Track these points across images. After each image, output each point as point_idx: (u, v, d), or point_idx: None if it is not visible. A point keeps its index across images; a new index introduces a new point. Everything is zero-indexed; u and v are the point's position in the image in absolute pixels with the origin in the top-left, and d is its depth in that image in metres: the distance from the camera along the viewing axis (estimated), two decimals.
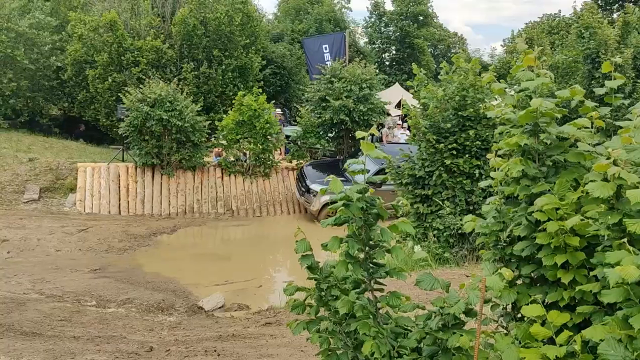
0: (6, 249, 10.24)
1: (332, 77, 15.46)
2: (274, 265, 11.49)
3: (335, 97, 15.01)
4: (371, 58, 34.21)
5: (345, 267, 2.22)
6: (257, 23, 20.10)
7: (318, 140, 15.80)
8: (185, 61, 17.80)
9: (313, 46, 20.44)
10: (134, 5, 18.11)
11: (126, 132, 13.61)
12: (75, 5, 18.92)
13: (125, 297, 8.57)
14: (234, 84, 18.57)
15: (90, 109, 17.88)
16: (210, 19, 17.90)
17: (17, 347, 5.85)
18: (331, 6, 38.52)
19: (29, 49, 16.73)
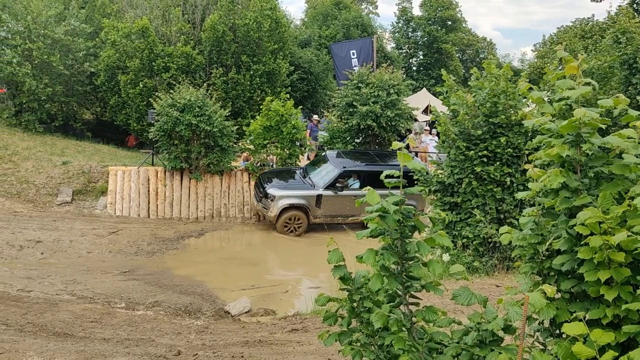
0: (40, 250, 10.48)
1: (360, 83, 15.42)
2: (300, 271, 11.47)
3: (362, 103, 14.97)
4: (398, 63, 34.08)
5: (380, 280, 2.18)
6: (285, 29, 20.22)
7: (345, 146, 15.75)
8: (214, 67, 18.03)
9: (341, 51, 20.45)
10: (165, 12, 18.44)
11: (156, 136, 13.83)
12: (109, 12, 19.37)
13: (154, 300, 8.67)
14: (262, 90, 18.71)
15: (122, 114, 18.25)
16: (239, 25, 18.09)
17: (50, 348, 5.97)
18: (358, 12, 38.57)
19: (64, 55, 17.18)
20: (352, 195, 12.93)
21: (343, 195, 12.91)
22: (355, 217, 13.14)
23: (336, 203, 12.93)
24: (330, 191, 12.84)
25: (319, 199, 12.79)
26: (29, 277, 9.11)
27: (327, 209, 12.92)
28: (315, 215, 12.92)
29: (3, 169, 13.84)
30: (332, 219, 13.09)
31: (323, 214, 12.96)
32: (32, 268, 9.62)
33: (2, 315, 7.24)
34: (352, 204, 12.94)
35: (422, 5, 42.33)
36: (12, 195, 13.08)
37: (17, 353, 5.75)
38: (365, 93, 15.00)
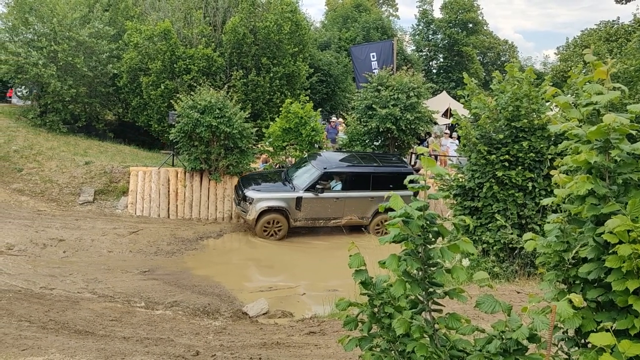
0: (62, 249, 10.67)
1: (379, 85, 15.37)
2: (317, 273, 11.44)
3: (381, 106, 14.91)
4: (418, 66, 33.89)
5: (403, 286, 2.15)
6: (305, 31, 20.27)
7: (364, 149, 15.71)
8: (234, 69, 18.15)
9: (360, 54, 20.41)
10: (187, 14, 18.63)
11: (176, 137, 13.96)
12: (132, 15, 19.64)
13: (173, 300, 8.75)
14: (281, 92, 18.78)
15: (143, 115, 18.48)
16: (260, 27, 18.19)
17: (71, 345, 6.05)
18: (379, 14, 38.50)
19: (88, 57, 17.46)
20: (334, 197, 12.76)
21: (324, 197, 12.67)
22: (338, 220, 12.96)
23: (317, 206, 12.65)
24: (311, 193, 12.56)
25: (299, 201, 12.51)
26: (51, 275, 9.28)
27: (308, 211, 12.63)
28: (296, 219, 12.63)
29: (28, 168, 14.13)
30: (313, 222, 12.87)
31: (304, 217, 12.67)
32: (55, 266, 9.79)
33: (25, 312, 7.38)
34: (333, 206, 12.82)
35: (442, 7, 42.06)
36: (36, 194, 13.34)
37: (40, 350, 5.85)
38: (385, 96, 14.95)
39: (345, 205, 12.84)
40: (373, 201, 12.97)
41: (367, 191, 12.98)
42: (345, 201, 12.84)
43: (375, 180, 13.00)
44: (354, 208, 12.95)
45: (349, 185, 12.94)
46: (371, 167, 13.25)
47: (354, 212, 13.00)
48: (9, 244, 10.41)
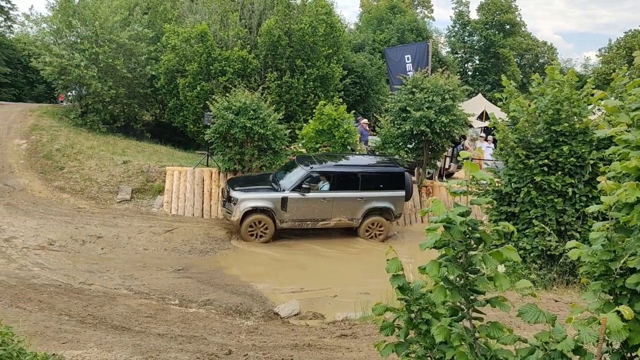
0: (100, 245, 10.95)
1: (414, 88, 15.21)
2: (349, 276, 11.39)
3: (416, 108, 14.75)
4: (453, 68, 33.43)
5: (443, 292, 2.11)
6: (339, 33, 20.27)
7: (397, 151, 15.58)
8: (269, 71, 18.30)
9: (395, 56, 20.27)
10: (223, 17, 18.89)
11: (211, 138, 14.16)
12: (170, 17, 20.05)
13: (206, 299, 8.86)
14: (315, 94, 18.83)
15: (179, 116, 18.82)
16: (295, 29, 18.29)
17: (109, 340, 6.21)
18: (413, 16, 38.16)
19: (127, 58, 17.91)
20: (321, 198, 12.46)
21: (311, 198, 12.36)
22: (326, 222, 12.68)
23: (304, 206, 12.35)
24: (297, 193, 12.25)
25: (285, 201, 12.18)
26: (90, 271, 9.54)
27: (294, 212, 12.33)
28: (282, 220, 12.32)
29: (69, 166, 14.58)
30: (300, 224, 12.58)
31: (290, 218, 12.38)
32: (93, 262, 10.06)
33: (65, 307, 7.61)
34: (321, 207, 12.49)
35: (479, 9, 41.41)
36: (76, 191, 13.75)
37: (79, 343, 6.02)
38: (419, 98, 14.78)
39: (333, 205, 12.55)
40: (362, 202, 12.73)
41: (356, 191, 12.69)
42: (333, 202, 12.53)
43: (364, 181, 12.72)
44: (342, 209, 12.65)
45: (336, 185, 12.61)
46: (359, 167, 12.95)
47: (343, 213, 12.69)
48: (50, 240, 10.75)
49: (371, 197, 12.79)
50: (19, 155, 15.07)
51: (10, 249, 10.07)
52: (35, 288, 8.32)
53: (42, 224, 11.48)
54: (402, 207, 13.42)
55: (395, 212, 13.13)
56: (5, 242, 10.39)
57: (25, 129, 16.64)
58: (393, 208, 12.97)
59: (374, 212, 12.89)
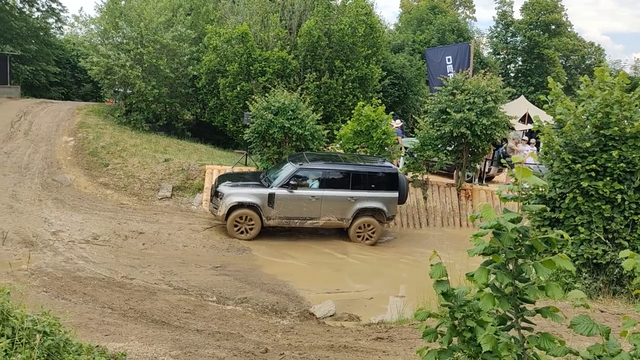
0: (142, 241, 11.23)
1: (454, 89, 14.97)
2: (385, 278, 11.32)
3: (456, 110, 14.51)
4: (495, 69, 32.76)
5: (492, 300, 2.05)
6: (379, 34, 20.18)
7: (436, 153, 15.37)
8: (308, 71, 18.38)
9: (435, 57, 20.00)
10: (264, 18, 19.09)
11: (250, 137, 14.33)
12: (212, 18, 20.41)
13: (243, 296, 8.96)
14: (354, 94, 18.80)
15: (219, 115, 19.14)
16: (334, 30, 18.31)
17: (149, 334, 6.35)
18: (455, 16, 37.62)
19: (170, 59, 18.34)
20: (310, 196, 12.09)
21: (299, 195, 12.06)
22: (315, 221, 12.31)
23: (291, 204, 12.05)
24: (285, 190, 11.99)
25: (272, 197, 11.92)
26: (131, 266, 9.79)
27: (281, 209, 12.05)
28: (269, 217, 12.06)
29: (113, 163, 15.03)
30: (288, 222, 12.25)
31: (278, 215, 12.10)
32: (135, 257, 10.33)
33: (108, 300, 7.84)
34: (309, 205, 12.13)
35: (523, 8, 40.43)
36: (119, 188, 14.15)
37: (121, 336, 6.18)
38: (460, 100, 14.53)
39: (322, 204, 12.16)
40: (353, 202, 12.33)
41: (347, 190, 12.30)
42: (322, 200, 12.15)
43: (355, 180, 12.37)
44: (331, 208, 12.26)
45: (326, 184, 12.26)
46: (351, 166, 12.63)
47: (332, 212, 12.30)
48: (95, 234, 11.10)
49: (362, 197, 12.33)
50: (67, 152, 15.64)
51: (57, 242, 10.45)
52: (80, 281, 8.60)
53: (87, 219, 11.87)
54: (395, 209, 12.84)
55: (388, 214, 12.60)
56: (52, 235, 10.80)
57: (73, 126, 17.26)
58: (385, 209, 12.46)
59: (365, 212, 12.43)
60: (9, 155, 14.90)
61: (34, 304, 5.24)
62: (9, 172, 13.92)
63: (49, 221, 11.49)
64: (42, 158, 15.03)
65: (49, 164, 14.76)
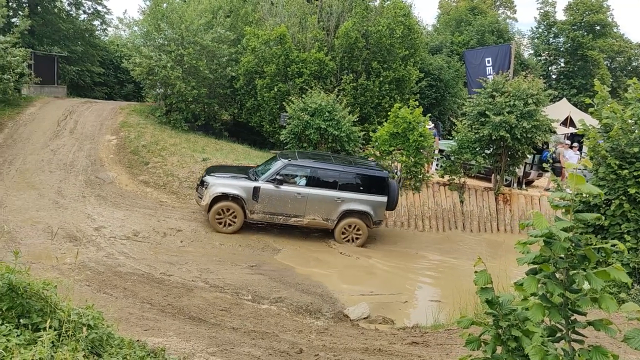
0: (180, 238, 11.45)
1: (494, 91, 14.68)
2: (420, 282, 11.21)
3: (496, 112, 14.23)
4: (536, 71, 31.96)
5: (541, 311, 2.00)
6: (417, 35, 20.00)
7: (474, 157, 15.10)
8: (344, 73, 18.39)
9: (475, 59, 19.67)
10: (302, 19, 19.19)
11: (286, 138, 14.44)
12: (251, 20, 20.66)
13: (277, 296, 9.01)
14: (390, 96, 18.69)
15: (256, 116, 19.34)
16: (372, 31, 18.25)
17: (187, 330, 6.47)
18: (495, 17, 36.89)
19: (209, 60, 18.66)
20: (295, 193, 11.94)
21: (285, 191, 11.90)
22: (299, 219, 12.13)
23: (276, 199, 11.90)
24: (271, 185, 11.86)
25: (257, 191, 11.81)
26: (170, 262, 9.99)
27: (266, 204, 11.89)
28: (253, 210, 11.92)
29: (153, 162, 15.39)
30: (272, 217, 12.09)
31: (262, 210, 11.94)
32: (173, 254, 10.54)
33: (147, 295, 8.03)
34: (294, 202, 11.97)
35: (566, 9, 39.31)
36: (159, 186, 14.48)
37: (159, 331, 6.32)
38: (500, 102, 14.25)
39: (307, 202, 11.98)
40: (339, 202, 12.11)
41: (334, 190, 12.11)
42: (307, 198, 11.97)
43: (343, 181, 12.19)
44: (317, 207, 12.06)
45: (313, 182, 12.10)
46: (340, 166, 12.40)
47: (317, 212, 12.10)
48: (135, 231, 11.39)
49: (349, 198, 12.11)
50: (109, 150, 16.11)
51: (99, 238, 10.77)
52: (121, 276, 8.84)
53: (127, 216, 12.18)
54: (383, 213, 12.56)
55: (374, 218, 12.30)
56: (95, 230, 11.14)
57: (115, 125, 17.76)
58: (372, 213, 12.21)
59: (351, 214, 12.21)
60: (55, 152, 15.45)
61: (78, 297, 5.42)
62: (55, 169, 14.44)
63: (91, 217, 11.85)
64: (86, 156, 15.53)
65: (92, 162, 15.23)
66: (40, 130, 16.90)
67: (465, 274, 11.69)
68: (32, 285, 3.97)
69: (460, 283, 10.18)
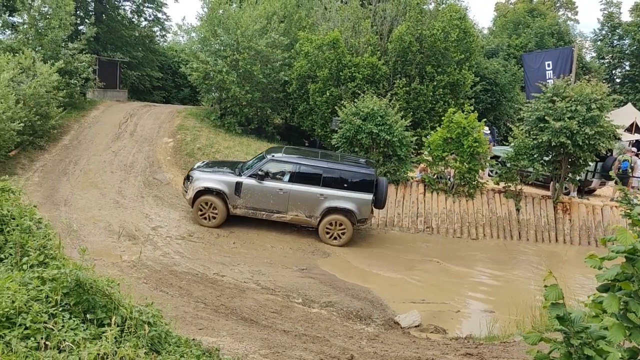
0: (232, 240, 11.67)
1: (554, 96, 14.12)
2: (473, 291, 10.91)
3: (556, 118, 13.68)
4: (599, 74, 30.56)
5: (622, 331, 1.89)
6: (473, 39, 19.55)
7: (531, 164, 14.58)
8: (398, 77, 18.23)
9: (534, 62, 19.02)
10: (356, 24, 19.19)
11: (338, 142, 14.44)
12: (304, 25, 20.86)
13: (327, 300, 9.01)
14: (444, 101, 18.37)
15: (308, 120, 19.48)
16: (426, 35, 18.01)
17: (239, 331, 6.57)
18: (555, 19, 35.58)
19: (263, 65, 18.97)
20: (278, 188, 11.89)
21: (267, 187, 11.90)
22: (282, 215, 12.07)
23: (259, 194, 11.90)
24: (254, 180, 11.90)
25: (239, 186, 11.86)
26: (222, 263, 10.20)
27: (248, 199, 11.92)
28: (235, 205, 11.98)
29: None
30: (255, 213, 12.08)
31: (244, 205, 11.98)
32: (226, 255, 10.75)
33: (201, 295, 8.22)
34: (277, 198, 11.92)
35: (633, 9, 37.37)
36: None
37: (213, 331, 6.45)
38: (561, 107, 13.69)
39: (290, 198, 11.93)
40: (322, 199, 11.94)
41: (317, 187, 11.95)
42: (290, 194, 11.93)
43: (327, 177, 12.01)
44: (299, 203, 11.98)
45: (296, 178, 12.02)
46: (324, 162, 12.23)
47: (300, 208, 12.02)
48: (190, 231, 11.71)
49: (332, 195, 11.95)
50: (167, 152, 16.65)
51: (156, 237, 11.14)
52: (176, 275, 9.09)
53: (183, 216, 12.53)
54: (368, 212, 12.22)
55: (358, 216, 12.05)
56: (152, 230, 11.52)
57: (173, 128, 18.35)
58: (355, 211, 11.98)
59: (335, 211, 12.05)
60: (117, 154, 16.12)
61: (137, 294, 5.60)
62: (116, 169, 15.06)
63: (149, 217, 12.27)
64: (145, 157, 16.11)
65: (150, 163, 15.78)
66: (103, 133, 17.69)
67: (521, 285, 11.29)
68: (97, 282, 4.14)
69: (515, 294, 9.85)
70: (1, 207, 5.54)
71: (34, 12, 18.31)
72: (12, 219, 5.35)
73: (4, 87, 13.48)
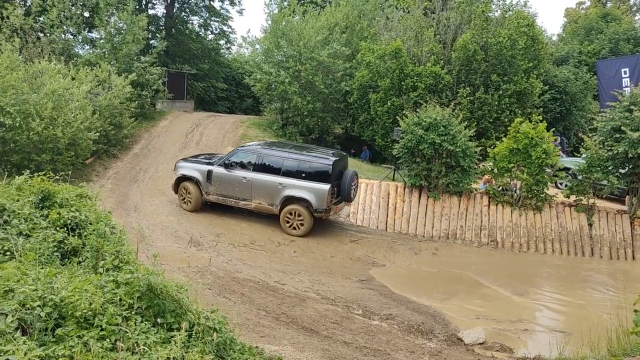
0: (293, 248, 11.77)
1: (632, 105, 13.31)
2: (544, 310, 10.40)
3: (633, 128, 12.88)
4: None
5: None
6: (541, 46, 18.84)
7: (605, 176, 13.79)
8: (461, 86, 17.85)
9: (609, 70, 18.07)
10: (418, 33, 19.01)
11: (399, 153, 14.26)
12: (366, 35, 20.89)
13: (388, 313, 8.88)
14: (511, 110, 17.79)
15: (369, 130, 19.43)
16: (492, 43, 17.55)
17: (300, 340, 6.59)
18: (631, 23, 33.65)
19: (325, 75, 19.16)
20: (242, 177, 12.57)
21: (233, 175, 12.69)
22: (247, 202, 12.68)
23: (226, 182, 12.72)
24: (222, 169, 12.78)
25: (210, 174, 12.83)
26: (283, 272, 10.30)
27: (217, 186, 12.82)
28: (208, 192, 12.96)
29: None
30: (224, 200, 12.89)
31: (215, 192, 12.89)
32: (286, 263, 10.85)
33: (262, 302, 8.33)
34: (241, 186, 12.59)
35: None
36: None
37: (275, 339, 6.51)
38: (639, 117, 12.88)
39: (252, 186, 12.54)
40: (281, 188, 12.33)
41: (276, 176, 12.40)
42: (252, 182, 12.53)
43: (287, 167, 12.39)
44: (261, 192, 12.50)
45: (259, 167, 12.59)
46: (284, 152, 12.67)
47: (262, 196, 12.52)
48: (252, 239, 11.93)
49: (290, 184, 12.27)
50: None
51: (220, 244, 11.43)
52: (239, 282, 9.27)
53: (245, 224, 12.79)
54: (325, 202, 12.11)
55: (315, 206, 12.11)
56: (216, 236, 11.84)
57: (236, 137, 18.85)
58: (311, 200, 12.12)
59: (293, 201, 12.33)
60: None
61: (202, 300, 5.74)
62: None
63: (213, 224, 12.62)
64: None
65: None
66: (171, 142, 18.43)
67: (595, 305, 10.64)
68: (167, 287, 4.28)
69: (588, 315, 9.29)
70: (80, 212, 5.88)
71: (111, 28, 19.44)
72: (89, 224, 5.66)
73: (83, 98, 14.36)
